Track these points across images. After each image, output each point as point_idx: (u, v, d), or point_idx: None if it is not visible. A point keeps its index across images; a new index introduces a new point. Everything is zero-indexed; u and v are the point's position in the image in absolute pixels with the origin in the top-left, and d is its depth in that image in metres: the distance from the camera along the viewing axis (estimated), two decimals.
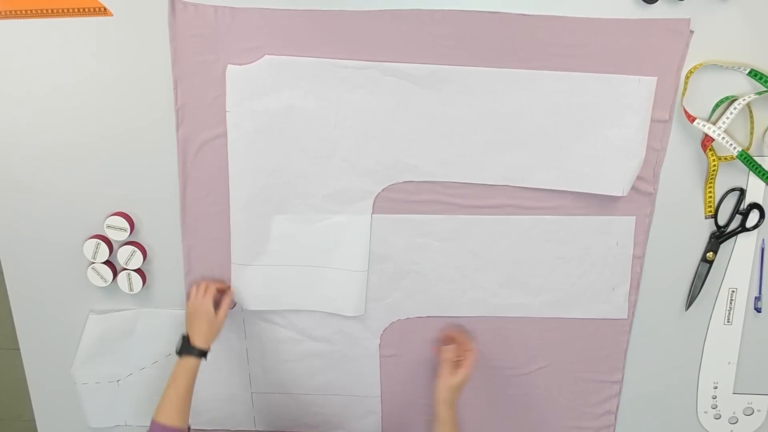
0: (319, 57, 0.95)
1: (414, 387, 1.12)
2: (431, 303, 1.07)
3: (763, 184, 0.98)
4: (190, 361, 0.98)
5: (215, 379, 1.12)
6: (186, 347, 0.99)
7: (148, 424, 0.95)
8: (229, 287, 1.06)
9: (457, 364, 1.01)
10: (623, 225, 1.00)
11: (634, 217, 0.99)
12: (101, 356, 1.12)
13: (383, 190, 1.01)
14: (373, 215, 1.02)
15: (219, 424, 1.17)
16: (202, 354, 1.00)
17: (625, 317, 1.05)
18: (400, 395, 1.14)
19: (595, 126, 0.95)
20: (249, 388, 1.15)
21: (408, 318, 1.09)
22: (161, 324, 1.10)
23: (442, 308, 1.08)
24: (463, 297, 1.06)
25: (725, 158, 0.96)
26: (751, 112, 0.94)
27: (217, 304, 1.03)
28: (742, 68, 0.92)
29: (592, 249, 1.02)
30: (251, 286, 1.07)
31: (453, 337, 1.05)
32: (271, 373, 1.12)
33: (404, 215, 1.02)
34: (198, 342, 1.00)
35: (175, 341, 1.02)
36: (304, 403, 1.15)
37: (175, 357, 1.00)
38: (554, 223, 1.01)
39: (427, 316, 1.08)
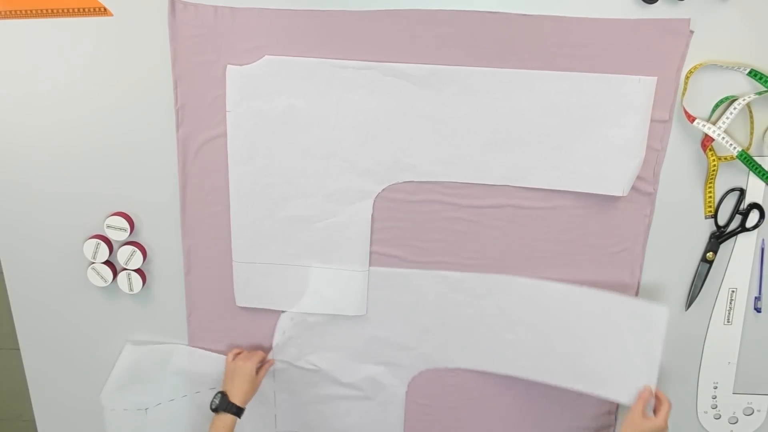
0: (319, 57, 0.95)
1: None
2: (461, 356, 1.08)
3: (763, 184, 0.98)
4: (227, 418, 0.99)
5: (241, 418, 1.13)
6: (225, 404, 1.00)
7: None
8: (267, 358, 1.08)
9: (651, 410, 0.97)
10: (657, 314, 0.97)
11: (667, 308, 0.96)
12: (132, 385, 1.13)
13: (383, 190, 1.01)
14: (407, 270, 1.04)
15: None
16: (239, 412, 1.01)
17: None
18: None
19: (595, 126, 0.95)
20: (274, 428, 1.15)
21: (437, 368, 1.09)
22: (196, 362, 1.11)
23: (471, 362, 1.08)
24: (493, 354, 1.07)
25: (725, 158, 0.96)
26: (751, 112, 0.95)
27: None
28: (742, 68, 0.92)
29: (624, 332, 0.99)
30: (251, 284, 1.07)
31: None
32: (297, 413, 1.13)
33: (442, 272, 1.04)
34: (237, 400, 1.01)
35: (206, 380, 1.05)
36: None
37: (211, 413, 1.01)
38: (590, 295, 1.00)
39: (456, 368, 1.09)
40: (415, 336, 1.08)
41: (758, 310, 1.05)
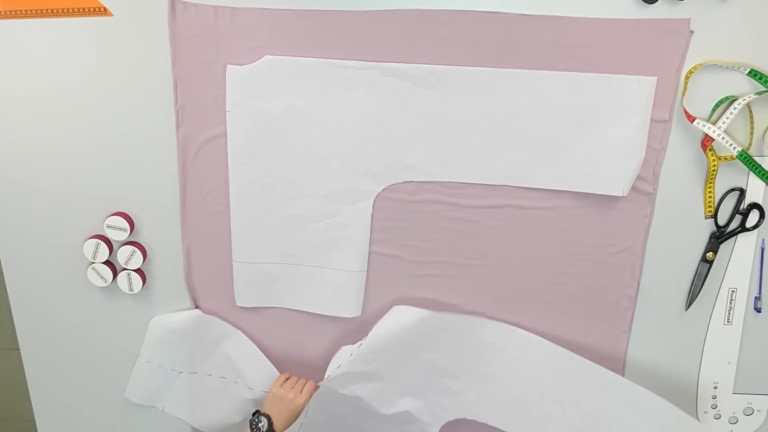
0: (319, 57, 0.95)
1: None
2: (502, 416, 1.05)
3: (763, 184, 0.98)
4: None
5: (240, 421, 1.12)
6: (268, 430, 1.00)
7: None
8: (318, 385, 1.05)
9: None
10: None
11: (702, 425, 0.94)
12: (178, 345, 1.11)
13: (383, 190, 1.01)
14: (465, 316, 1.02)
15: None
16: None
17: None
18: None
19: (595, 126, 0.95)
20: None
21: (475, 421, 1.07)
22: (246, 356, 1.10)
23: (508, 424, 1.05)
24: (532, 423, 1.04)
25: (725, 158, 0.96)
26: (751, 112, 0.95)
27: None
28: (742, 68, 0.92)
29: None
30: (251, 284, 1.07)
31: None
32: (325, 425, 1.10)
33: (498, 323, 1.02)
34: (278, 429, 1.00)
35: (249, 378, 1.07)
36: None
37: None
38: (610, 380, 0.99)
39: (494, 428, 1.06)
40: (464, 381, 1.05)
41: (758, 310, 1.05)
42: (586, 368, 1.00)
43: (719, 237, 1.01)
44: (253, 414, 1.02)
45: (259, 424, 1.00)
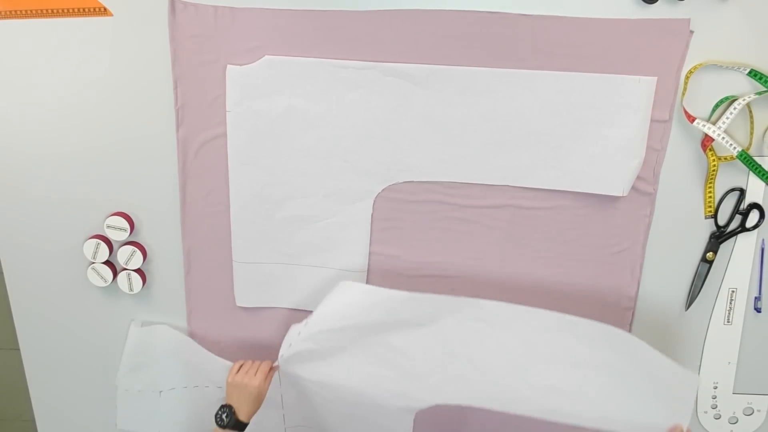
0: (319, 57, 0.95)
1: None
2: (473, 393, 0.99)
3: (763, 184, 0.98)
4: None
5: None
6: (233, 422, 0.98)
7: None
8: (275, 366, 1.04)
9: None
10: (688, 380, 0.94)
11: (699, 377, 0.93)
12: (147, 366, 1.12)
13: (383, 190, 1.01)
14: (428, 295, 0.96)
15: None
16: (244, 428, 0.99)
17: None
18: None
19: (595, 126, 0.95)
20: (282, 424, 1.14)
21: (447, 405, 1.01)
22: (201, 360, 1.10)
23: (483, 400, 0.99)
24: (508, 392, 0.99)
25: (725, 158, 0.96)
26: (751, 112, 0.95)
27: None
28: (742, 68, 0.92)
29: (653, 371, 0.94)
30: (251, 284, 1.07)
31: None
32: (306, 410, 1.09)
33: (462, 298, 0.96)
34: (244, 417, 0.99)
35: (212, 377, 1.06)
36: None
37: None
38: (616, 335, 0.94)
39: (468, 406, 1.00)
40: (428, 365, 1.01)
41: (758, 310, 1.05)
42: (553, 320, 0.96)
43: (719, 237, 1.01)
44: (218, 409, 1.00)
45: (222, 416, 0.99)
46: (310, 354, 1.01)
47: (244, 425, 0.99)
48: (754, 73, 0.91)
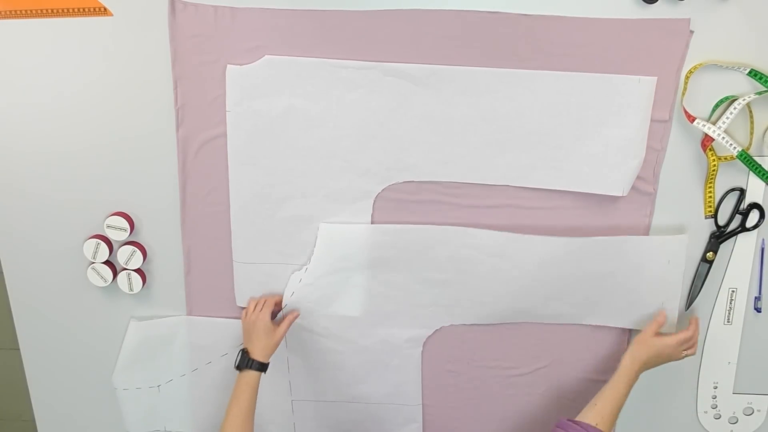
0: (320, 57, 0.95)
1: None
2: (476, 312, 1.06)
3: (763, 184, 0.98)
4: (250, 375, 0.98)
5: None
6: (246, 361, 0.99)
7: (183, 429, 0.95)
8: (282, 301, 1.05)
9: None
10: (675, 244, 1.00)
11: (686, 235, 0.99)
12: (142, 362, 1.13)
13: (383, 190, 1.01)
14: (422, 225, 1.01)
15: (259, 431, 1.16)
16: (262, 368, 0.99)
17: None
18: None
19: (595, 126, 0.95)
20: (289, 396, 1.14)
21: (452, 326, 1.07)
22: (203, 332, 1.10)
23: (487, 317, 1.06)
24: (509, 309, 1.05)
25: (725, 158, 0.96)
26: (751, 112, 0.95)
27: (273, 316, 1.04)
28: (742, 68, 0.92)
29: (644, 268, 1.01)
30: (251, 283, 1.07)
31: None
32: (312, 380, 1.11)
33: (451, 227, 1.01)
34: (258, 356, 0.99)
35: (215, 349, 1.05)
36: (344, 411, 1.14)
37: (235, 372, 1.00)
38: (605, 243, 1.00)
39: (472, 325, 1.07)
40: (427, 293, 1.05)
41: (758, 310, 1.05)
42: (539, 243, 1.01)
43: (719, 237, 1.01)
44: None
45: (236, 358, 1.00)
46: (314, 301, 1.04)
47: (265, 366, 1.00)
48: (754, 73, 0.91)
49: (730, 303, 1.05)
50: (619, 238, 1.00)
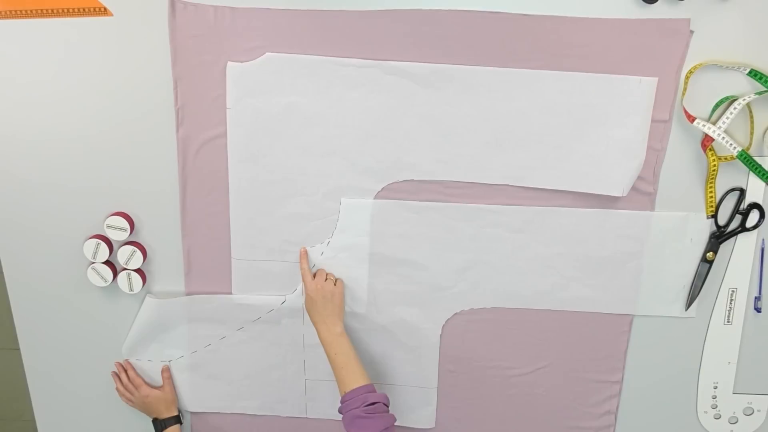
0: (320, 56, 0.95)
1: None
2: (497, 294, 1.06)
3: (763, 184, 0.98)
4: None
5: (270, 364, 1.11)
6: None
7: (193, 408, 1.02)
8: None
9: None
10: (698, 222, 1.00)
11: (704, 214, 1.00)
12: (154, 337, 1.12)
13: (383, 188, 1.01)
14: (442, 203, 1.01)
15: (270, 410, 1.16)
16: (177, 420, 1.11)
17: (693, 316, 1.05)
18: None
19: (596, 126, 0.95)
20: (303, 375, 1.13)
21: (472, 309, 1.07)
22: (215, 308, 1.09)
23: (507, 300, 1.06)
24: (530, 290, 1.05)
25: (725, 158, 0.96)
26: (751, 112, 0.95)
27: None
28: (742, 68, 0.92)
29: (665, 247, 1.01)
30: (251, 280, 1.07)
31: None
32: (326, 360, 1.10)
33: (476, 205, 1.01)
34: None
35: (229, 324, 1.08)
36: None
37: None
38: (627, 218, 1.00)
39: (493, 308, 1.07)
40: (449, 275, 1.05)
41: (758, 310, 1.05)
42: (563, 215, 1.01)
43: (719, 237, 1.01)
44: None
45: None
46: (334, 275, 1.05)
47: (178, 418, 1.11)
48: (754, 73, 0.91)
49: (730, 303, 1.05)
50: (644, 213, 0.99)
